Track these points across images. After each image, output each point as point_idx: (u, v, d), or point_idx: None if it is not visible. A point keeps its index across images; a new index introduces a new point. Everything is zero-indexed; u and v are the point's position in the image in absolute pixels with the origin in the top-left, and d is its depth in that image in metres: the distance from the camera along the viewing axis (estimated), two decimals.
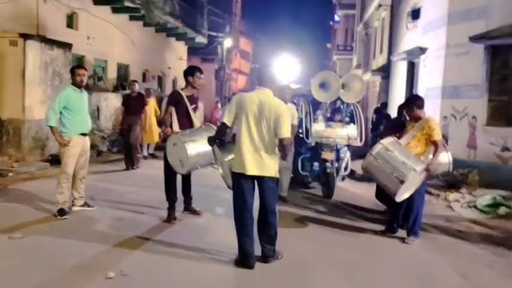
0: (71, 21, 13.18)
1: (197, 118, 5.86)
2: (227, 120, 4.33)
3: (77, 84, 5.80)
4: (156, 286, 3.88)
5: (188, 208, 6.11)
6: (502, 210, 7.23)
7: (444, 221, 6.79)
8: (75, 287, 3.76)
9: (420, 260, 4.93)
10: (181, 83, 22.31)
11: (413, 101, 5.65)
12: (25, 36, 9.60)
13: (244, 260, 4.31)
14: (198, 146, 5.21)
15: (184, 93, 5.82)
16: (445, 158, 5.98)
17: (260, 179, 4.26)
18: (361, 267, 4.59)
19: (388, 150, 5.28)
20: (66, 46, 10.92)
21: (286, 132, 4.22)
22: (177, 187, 5.86)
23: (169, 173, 5.68)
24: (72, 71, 5.91)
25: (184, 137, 5.26)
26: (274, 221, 4.38)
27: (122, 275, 3.99)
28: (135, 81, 10.79)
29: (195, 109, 5.88)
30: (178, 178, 5.82)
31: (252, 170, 4.20)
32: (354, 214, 6.79)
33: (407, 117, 5.86)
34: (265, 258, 4.36)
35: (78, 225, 5.45)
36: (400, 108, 7.74)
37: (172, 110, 5.72)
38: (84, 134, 5.87)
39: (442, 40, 10.29)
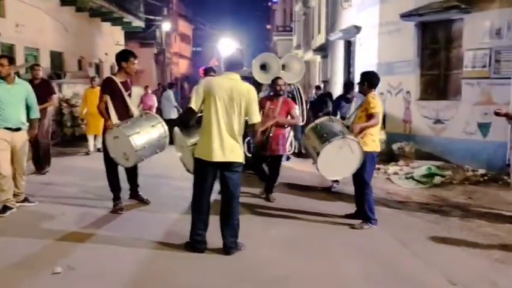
0: None
1: (134, 105, 5.65)
2: (194, 105, 4.20)
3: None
4: (105, 277, 3.82)
5: (135, 196, 5.96)
6: (437, 179, 7.68)
7: (385, 193, 7.13)
8: (21, 286, 3.64)
9: (362, 232, 5.15)
10: None
11: (366, 77, 5.41)
12: None
13: (196, 244, 4.34)
14: (142, 138, 5.04)
15: (118, 80, 5.49)
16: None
17: (226, 165, 4.21)
18: (310, 246, 4.71)
19: (317, 128, 5.32)
20: None
21: (256, 117, 4.27)
22: (122, 176, 5.73)
23: (110, 164, 5.48)
24: None
25: (127, 130, 5.02)
26: (238, 209, 4.39)
27: (69, 269, 3.91)
28: (37, 65, 8.78)
29: (129, 95, 5.62)
30: (121, 167, 5.63)
31: (218, 156, 4.14)
32: (304, 194, 6.93)
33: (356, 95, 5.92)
34: (228, 250, 4.31)
35: (19, 221, 5.25)
36: (347, 86, 7.97)
37: (108, 98, 5.41)
38: (12, 129, 5.45)
39: (375, 18, 10.63)
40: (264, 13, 47.88)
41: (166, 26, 29.42)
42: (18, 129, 5.51)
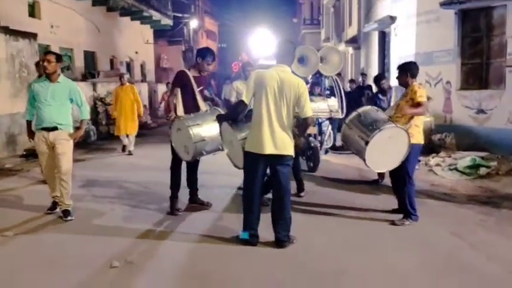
0: (32, 10, 12.68)
1: (202, 101, 5.48)
2: (245, 98, 4.20)
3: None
4: (162, 271, 3.85)
5: (194, 199, 5.75)
6: (483, 170, 7.46)
7: (429, 185, 6.96)
8: (80, 279, 3.69)
9: (413, 225, 5.02)
10: (149, 66, 21.95)
11: (407, 68, 5.21)
12: None
13: (248, 238, 4.32)
14: (203, 130, 4.95)
15: (191, 74, 5.41)
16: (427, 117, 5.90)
17: (277, 158, 4.17)
18: (360, 241, 4.63)
19: (361, 117, 5.15)
20: (31, 36, 10.51)
21: (309, 111, 4.20)
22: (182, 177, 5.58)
23: (175, 160, 5.40)
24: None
25: (188, 121, 4.99)
26: (289, 203, 4.34)
27: (127, 263, 3.96)
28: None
29: (202, 91, 5.50)
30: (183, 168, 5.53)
31: (269, 149, 4.11)
32: (345, 187, 6.81)
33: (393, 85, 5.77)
34: (281, 243, 4.28)
35: (75, 219, 5.26)
36: (377, 78, 7.83)
37: (178, 91, 5.34)
38: (48, 129, 5.20)
39: (412, 8, 10.40)
40: (289, 7, 47.60)
41: (193, 23, 29.57)
42: (54, 129, 5.20)
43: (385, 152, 4.93)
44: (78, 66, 15.02)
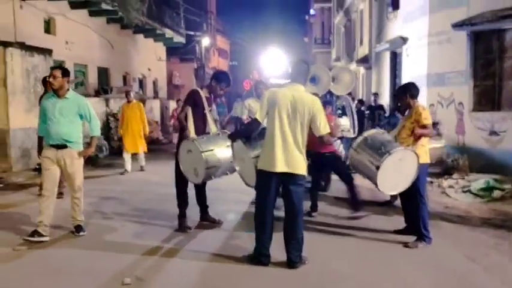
0: (48, 26, 12.93)
1: (213, 121, 5.48)
2: (259, 116, 4.22)
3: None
4: None
5: (205, 217, 5.69)
6: (496, 193, 7.37)
7: (442, 207, 6.87)
8: None
9: (426, 248, 4.94)
10: (161, 83, 22.16)
11: (406, 89, 5.23)
12: (4, 44, 9.36)
13: (260, 257, 4.29)
14: (216, 156, 4.93)
15: (203, 94, 5.41)
16: (439, 143, 5.93)
17: (289, 177, 4.16)
18: (373, 264, 4.56)
19: (368, 140, 5.08)
20: (46, 52, 10.68)
21: (325, 129, 4.19)
22: (191, 194, 5.56)
23: (181, 179, 5.33)
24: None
25: (201, 145, 4.91)
26: (302, 222, 4.31)
27: (138, 279, 3.96)
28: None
29: (211, 111, 5.51)
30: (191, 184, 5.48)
31: (281, 167, 4.11)
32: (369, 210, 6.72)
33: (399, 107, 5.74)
34: (293, 264, 4.23)
35: (88, 235, 5.30)
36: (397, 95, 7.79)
37: (189, 110, 5.31)
38: (57, 146, 5.03)
39: (423, 29, 10.44)
40: (300, 26, 48.02)
41: (205, 41, 29.87)
42: (63, 146, 5.02)
43: (395, 174, 4.89)
44: (92, 82, 15.22)
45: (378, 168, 4.78)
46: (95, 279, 3.98)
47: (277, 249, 4.34)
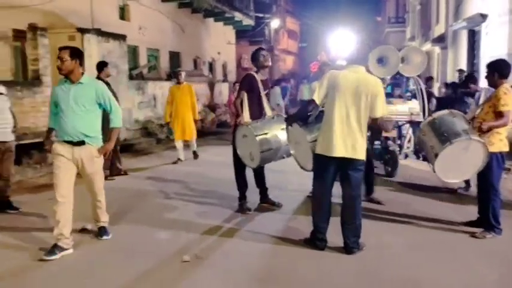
0: (123, 13, 13.48)
1: (268, 105, 5.48)
2: (317, 98, 4.13)
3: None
4: (230, 268, 3.93)
5: (265, 200, 5.74)
6: None
7: None
8: (152, 270, 3.88)
9: (495, 239, 4.65)
10: (231, 67, 22.45)
11: (495, 67, 4.70)
12: (82, 31, 9.91)
13: (316, 241, 4.28)
14: (270, 140, 4.94)
15: (258, 77, 5.39)
16: None
17: (348, 162, 4.07)
18: (435, 253, 4.38)
19: (435, 123, 4.79)
20: (120, 38, 11.20)
21: (382, 111, 4.08)
22: (250, 176, 5.62)
23: (238, 163, 5.39)
24: None
25: (256, 130, 4.93)
26: (360, 208, 4.23)
27: (197, 258, 4.10)
28: (106, 62, 7.89)
29: (267, 95, 5.50)
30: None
31: (341, 151, 4.02)
32: (423, 195, 6.48)
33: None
34: (350, 249, 4.18)
35: (146, 211, 5.63)
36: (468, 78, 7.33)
37: (244, 95, 5.31)
38: (72, 142, 4.22)
39: (505, 5, 9.69)
40: (373, 5, 46.32)
41: (274, 23, 29.78)
42: (81, 143, 4.22)
43: (458, 163, 4.63)
44: (164, 66, 15.75)
45: (436, 156, 4.57)
46: (155, 255, 4.17)
47: (336, 233, 4.30)
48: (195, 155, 9.39)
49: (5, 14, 8.91)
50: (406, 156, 8.40)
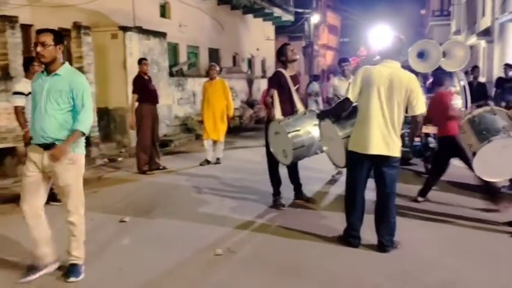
0: (163, 10, 13.74)
1: (299, 101, 5.48)
2: (351, 95, 4.09)
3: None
4: (261, 262, 3.97)
5: (299, 196, 5.74)
6: None
7: None
8: (186, 262, 3.98)
9: None
10: (270, 63, 22.46)
11: None
12: (124, 29, 10.19)
13: (350, 239, 4.24)
14: (302, 136, 4.92)
15: (287, 74, 5.41)
16: None
17: (382, 159, 4.01)
18: (475, 254, 4.24)
19: (474, 121, 4.72)
20: (161, 35, 11.42)
21: (420, 108, 4.00)
22: (283, 172, 5.63)
23: (272, 159, 5.39)
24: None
25: (288, 127, 4.92)
26: (394, 206, 4.17)
27: (230, 251, 4.16)
28: (145, 59, 8.12)
29: (297, 90, 5.49)
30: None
31: (375, 148, 3.96)
32: (464, 193, 6.26)
33: None
34: (384, 248, 4.12)
35: (182, 205, 5.75)
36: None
37: (275, 92, 5.33)
38: (43, 145, 3.51)
39: None
40: None
41: (314, 18, 29.53)
42: (50, 146, 3.49)
43: (498, 161, 4.51)
44: (203, 63, 15.94)
45: (474, 154, 4.52)
46: (190, 248, 4.26)
47: (370, 231, 4.25)
48: (218, 160, 8.54)
49: (52, 13, 9.27)
50: None
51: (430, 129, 7.46)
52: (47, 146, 3.49)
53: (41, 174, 3.55)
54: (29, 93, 4.97)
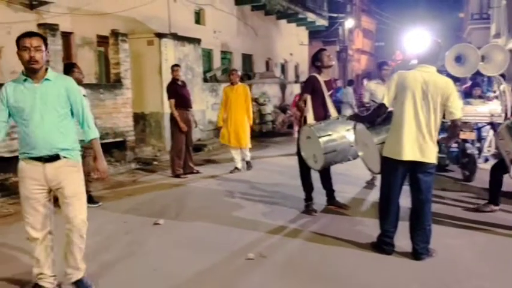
0: (198, 17, 13.95)
1: (333, 106, 5.45)
2: (387, 101, 4.05)
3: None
4: (293, 268, 3.95)
5: (331, 201, 5.69)
6: None
7: None
8: (217, 266, 4.01)
9: None
10: (303, 68, 22.42)
11: None
12: (160, 36, 10.40)
13: (383, 245, 4.18)
14: (334, 141, 4.89)
15: (321, 79, 5.39)
16: None
17: (418, 165, 3.94)
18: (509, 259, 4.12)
19: (510, 127, 4.69)
20: (195, 41, 11.60)
21: (458, 113, 3.93)
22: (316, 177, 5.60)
23: (303, 164, 5.36)
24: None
25: (319, 131, 4.89)
26: (430, 213, 4.09)
27: (261, 256, 4.16)
28: (177, 65, 8.14)
29: (331, 95, 5.48)
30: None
31: (410, 155, 3.91)
32: (504, 201, 6.02)
33: None
34: (418, 255, 4.04)
35: (215, 209, 5.80)
36: None
37: (308, 97, 5.33)
38: (42, 159, 3.24)
39: None
40: (455, 1, 44.01)
41: (349, 23, 29.28)
42: (54, 158, 3.25)
43: None
44: (236, 68, 16.04)
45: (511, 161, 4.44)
46: (222, 252, 4.30)
47: (403, 238, 4.17)
48: (248, 165, 8.42)
49: (90, 21, 9.58)
50: (487, 160, 7.92)
51: (467, 135, 7.27)
52: (48, 159, 3.23)
53: (45, 191, 3.31)
54: None
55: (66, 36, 9.18)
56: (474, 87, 8.25)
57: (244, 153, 8.35)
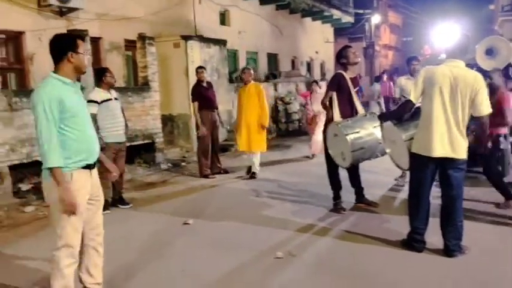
0: (223, 18, 14.03)
1: (360, 103, 5.40)
2: (414, 97, 4.00)
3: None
4: (322, 267, 3.94)
5: (360, 199, 5.65)
6: None
7: None
8: (246, 265, 4.03)
9: None
10: (329, 66, 22.26)
11: None
12: (186, 38, 10.52)
13: (413, 243, 4.13)
14: (361, 139, 4.84)
15: (347, 76, 5.36)
16: None
17: (448, 161, 3.89)
18: None
19: None
20: (221, 43, 11.67)
21: (486, 109, 3.84)
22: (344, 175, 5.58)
23: (331, 162, 5.33)
24: None
25: (346, 129, 4.86)
26: (461, 209, 4.02)
27: (290, 255, 4.17)
28: (202, 67, 8.14)
29: (357, 92, 5.44)
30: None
31: (440, 151, 3.85)
32: None
33: None
34: (450, 252, 3.98)
35: (241, 207, 5.85)
36: None
37: (334, 95, 5.30)
38: (91, 166, 3.07)
39: None
40: None
41: (375, 18, 28.91)
42: (95, 164, 3.15)
43: None
44: (262, 68, 16.09)
45: None
46: (251, 250, 4.32)
47: (435, 235, 4.11)
48: (251, 173, 7.71)
49: (118, 25, 9.77)
50: None
51: (500, 130, 7.08)
52: (93, 165, 3.08)
53: (92, 205, 3.10)
54: (102, 101, 5.60)
55: (95, 41, 9.40)
56: (507, 80, 8.00)
57: (254, 161, 7.68)
